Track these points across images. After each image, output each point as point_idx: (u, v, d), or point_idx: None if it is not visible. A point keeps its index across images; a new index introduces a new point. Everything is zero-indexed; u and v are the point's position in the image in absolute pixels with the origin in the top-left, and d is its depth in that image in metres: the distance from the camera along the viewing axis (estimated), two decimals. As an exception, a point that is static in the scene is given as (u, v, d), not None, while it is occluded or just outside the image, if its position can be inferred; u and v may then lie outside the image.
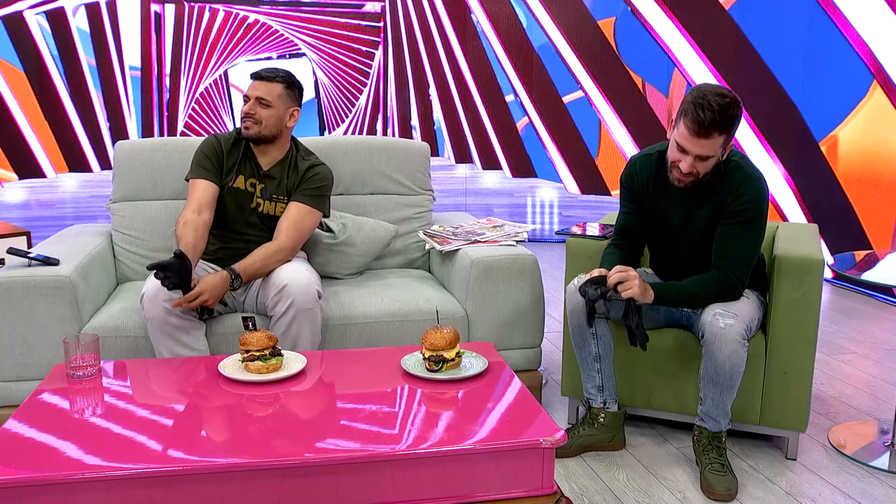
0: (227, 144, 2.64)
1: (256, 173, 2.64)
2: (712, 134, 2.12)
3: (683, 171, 2.20)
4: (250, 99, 2.57)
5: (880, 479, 2.39)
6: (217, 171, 2.61)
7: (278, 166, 2.65)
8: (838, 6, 4.39)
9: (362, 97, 5.74)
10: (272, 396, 1.88)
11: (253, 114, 2.56)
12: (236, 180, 2.62)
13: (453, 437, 1.65)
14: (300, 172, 2.64)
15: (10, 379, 2.46)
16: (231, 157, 2.63)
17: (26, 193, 5.22)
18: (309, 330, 2.43)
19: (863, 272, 2.51)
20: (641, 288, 2.21)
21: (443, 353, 1.96)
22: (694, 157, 2.17)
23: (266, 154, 2.65)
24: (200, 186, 2.57)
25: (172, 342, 2.36)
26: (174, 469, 1.53)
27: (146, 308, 2.35)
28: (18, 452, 1.58)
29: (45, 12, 5.07)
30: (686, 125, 2.14)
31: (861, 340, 3.70)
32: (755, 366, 2.42)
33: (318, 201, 2.64)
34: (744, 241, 2.28)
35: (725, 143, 2.18)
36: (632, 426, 2.70)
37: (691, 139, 2.14)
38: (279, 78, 2.60)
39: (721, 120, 2.11)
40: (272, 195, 2.63)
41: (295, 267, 2.50)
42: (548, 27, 5.54)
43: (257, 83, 2.59)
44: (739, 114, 2.16)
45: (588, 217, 5.65)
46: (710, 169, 2.23)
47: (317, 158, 2.72)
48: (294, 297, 2.38)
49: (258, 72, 2.61)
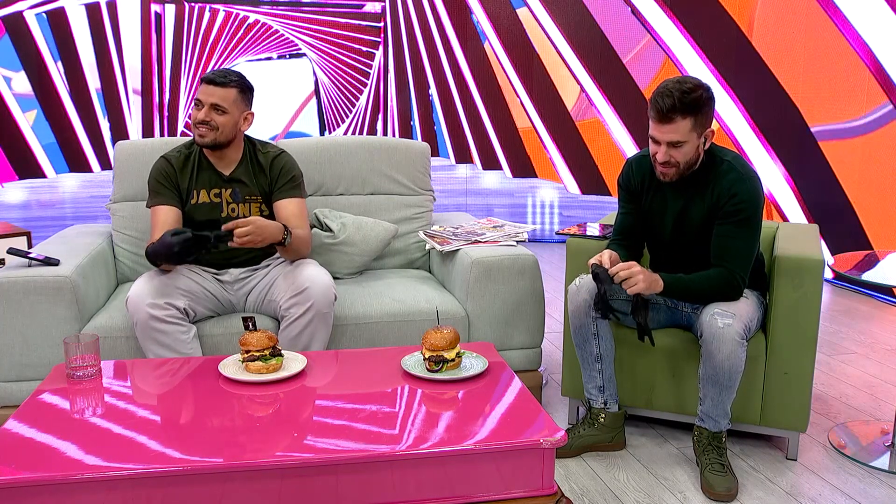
0: (178, 163, 2.56)
1: (219, 181, 2.57)
2: (674, 118, 2.17)
3: (660, 161, 2.24)
4: (204, 105, 2.46)
5: (881, 480, 2.38)
6: (175, 194, 2.54)
7: (241, 167, 2.59)
8: (839, 6, 4.39)
9: (362, 97, 5.73)
10: (272, 397, 1.88)
11: (208, 121, 2.46)
12: (199, 196, 2.55)
13: (453, 437, 1.65)
14: (266, 169, 2.59)
15: (10, 379, 2.46)
16: (185, 175, 2.56)
17: (26, 194, 5.22)
18: (323, 333, 2.43)
19: (863, 272, 2.51)
20: (647, 281, 2.21)
21: (443, 354, 1.96)
22: (665, 144, 2.21)
23: (223, 158, 2.57)
24: (162, 213, 2.51)
25: (158, 346, 2.35)
26: (174, 469, 1.52)
27: (131, 312, 2.34)
28: (18, 453, 1.58)
29: (45, 12, 5.07)
30: (650, 115, 2.22)
31: (861, 340, 3.70)
32: (755, 366, 2.42)
33: (300, 190, 2.63)
34: (741, 240, 2.29)
35: (695, 127, 2.19)
36: (632, 426, 2.69)
37: (656, 127, 2.21)
38: (233, 82, 2.49)
39: (681, 103, 2.15)
40: (245, 197, 2.57)
41: (313, 269, 2.47)
42: (548, 27, 5.53)
43: (211, 88, 2.47)
44: (705, 97, 2.19)
45: (588, 217, 5.65)
46: (691, 158, 2.25)
47: (274, 147, 2.67)
48: (314, 300, 2.37)
49: (210, 77, 2.48)
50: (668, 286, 2.28)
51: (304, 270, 2.45)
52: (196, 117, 2.48)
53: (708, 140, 2.26)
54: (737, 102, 4.95)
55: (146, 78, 5.34)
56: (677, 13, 5.12)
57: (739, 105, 4.94)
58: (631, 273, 2.20)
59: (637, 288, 2.20)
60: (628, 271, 2.20)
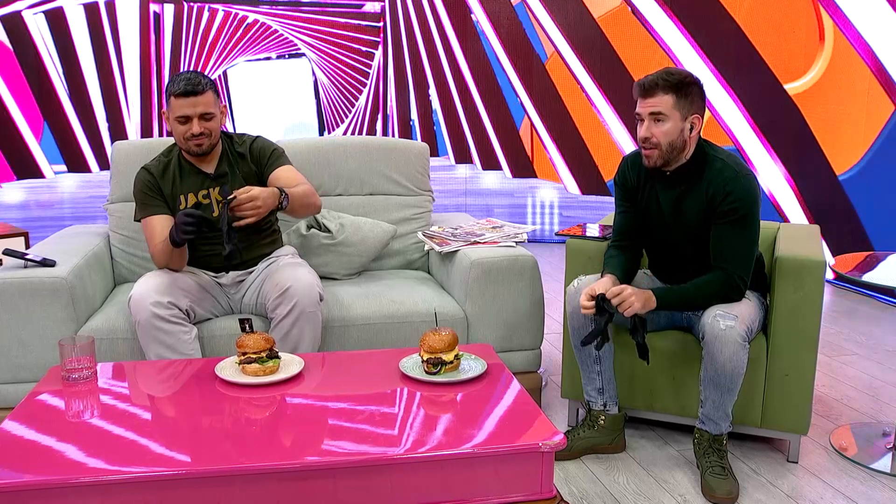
0: (159, 172, 2.54)
1: (206, 181, 2.55)
2: (656, 92, 2.22)
3: (641, 137, 2.27)
4: (191, 118, 2.42)
5: (882, 482, 2.37)
6: (163, 202, 2.53)
7: (223, 163, 2.57)
8: (839, 6, 4.38)
9: (362, 97, 5.72)
10: (269, 399, 1.86)
11: (202, 131, 2.44)
12: (186, 201, 2.54)
13: (452, 440, 1.64)
14: (247, 155, 2.58)
15: (5, 381, 2.45)
16: (167, 182, 2.54)
17: (25, 194, 5.21)
18: (311, 333, 2.41)
19: (864, 273, 2.49)
20: (641, 301, 2.20)
21: (441, 356, 1.95)
22: (648, 119, 2.24)
23: (206, 158, 2.55)
24: (154, 222, 2.50)
25: (160, 346, 2.34)
26: (170, 473, 1.51)
27: (134, 311, 2.33)
28: (12, 455, 1.56)
29: (44, 12, 5.05)
30: (635, 95, 2.28)
31: (863, 342, 3.69)
32: (756, 368, 2.41)
33: (286, 158, 2.62)
34: (739, 239, 2.27)
35: (678, 106, 2.22)
36: (632, 428, 2.68)
37: (640, 103, 2.26)
38: (207, 85, 2.44)
39: (663, 79, 2.21)
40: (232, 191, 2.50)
41: (297, 269, 2.47)
42: (548, 27, 5.52)
43: (192, 100, 2.40)
44: (689, 81, 2.24)
45: (588, 218, 5.64)
46: (675, 140, 2.24)
47: (248, 136, 2.65)
48: (298, 299, 2.36)
49: (186, 89, 2.39)
50: (662, 300, 2.26)
51: (288, 270, 2.45)
52: (189, 132, 2.43)
53: (695, 128, 2.26)
54: (737, 102, 4.93)
55: (145, 78, 5.33)
56: (678, 13, 5.11)
57: (740, 105, 4.92)
58: (623, 297, 2.19)
59: (633, 309, 2.19)
60: (619, 296, 2.19)
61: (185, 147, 2.50)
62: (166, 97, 2.46)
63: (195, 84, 2.41)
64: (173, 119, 2.45)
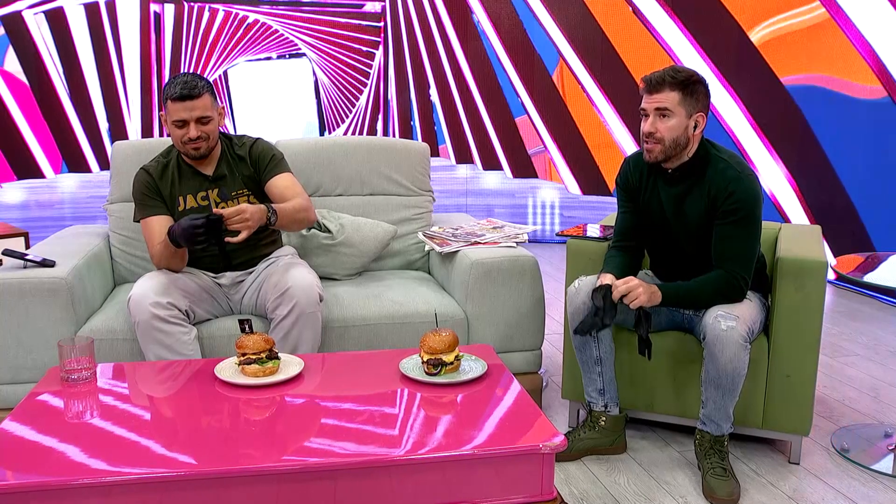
0: (158, 173, 2.54)
1: (205, 183, 2.55)
2: (662, 88, 2.23)
3: (645, 132, 2.27)
4: (187, 122, 2.41)
5: (884, 484, 2.36)
6: (162, 203, 2.52)
7: (222, 164, 2.57)
8: (840, 5, 4.37)
9: (362, 97, 5.72)
10: (269, 400, 1.86)
11: (199, 135, 2.43)
12: (185, 202, 2.54)
13: (452, 442, 1.63)
14: (247, 158, 2.57)
15: (4, 381, 2.44)
16: (165, 183, 2.53)
17: (25, 194, 5.21)
18: (310, 334, 2.41)
19: (865, 274, 2.49)
20: (647, 294, 2.21)
21: (441, 357, 1.94)
22: (653, 114, 2.26)
23: (205, 160, 2.55)
24: (154, 222, 2.49)
25: (159, 347, 2.33)
26: (169, 474, 1.50)
27: (133, 312, 2.33)
28: (11, 456, 1.56)
29: (44, 12, 5.05)
30: (641, 92, 2.30)
31: (864, 343, 3.68)
32: (757, 369, 2.40)
33: (285, 164, 2.61)
34: (741, 239, 2.27)
35: (684, 103, 2.23)
36: (633, 430, 2.67)
37: (645, 99, 2.28)
38: (204, 88, 2.43)
39: (670, 76, 2.23)
40: (230, 193, 2.54)
41: (297, 269, 2.46)
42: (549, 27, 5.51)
43: (189, 104, 2.39)
44: (696, 80, 2.25)
45: (589, 218, 5.63)
46: (678, 137, 2.25)
47: (248, 138, 2.64)
48: (297, 300, 2.35)
49: (183, 93, 2.38)
50: (667, 295, 2.27)
51: (289, 271, 2.44)
52: (187, 136, 2.42)
53: (699, 126, 2.26)
54: (737, 102, 4.92)
55: (145, 78, 5.32)
56: (678, 12, 5.10)
57: (740, 104, 4.92)
58: (630, 288, 2.20)
59: (638, 301, 2.20)
60: (626, 286, 2.21)
61: (183, 150, 2.49)
62: (164, 101, 2.46)
63: (191, 87, 2.40)
64: (170, 123, 2.45)
